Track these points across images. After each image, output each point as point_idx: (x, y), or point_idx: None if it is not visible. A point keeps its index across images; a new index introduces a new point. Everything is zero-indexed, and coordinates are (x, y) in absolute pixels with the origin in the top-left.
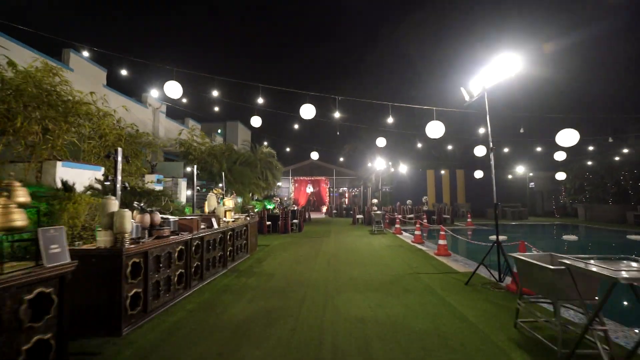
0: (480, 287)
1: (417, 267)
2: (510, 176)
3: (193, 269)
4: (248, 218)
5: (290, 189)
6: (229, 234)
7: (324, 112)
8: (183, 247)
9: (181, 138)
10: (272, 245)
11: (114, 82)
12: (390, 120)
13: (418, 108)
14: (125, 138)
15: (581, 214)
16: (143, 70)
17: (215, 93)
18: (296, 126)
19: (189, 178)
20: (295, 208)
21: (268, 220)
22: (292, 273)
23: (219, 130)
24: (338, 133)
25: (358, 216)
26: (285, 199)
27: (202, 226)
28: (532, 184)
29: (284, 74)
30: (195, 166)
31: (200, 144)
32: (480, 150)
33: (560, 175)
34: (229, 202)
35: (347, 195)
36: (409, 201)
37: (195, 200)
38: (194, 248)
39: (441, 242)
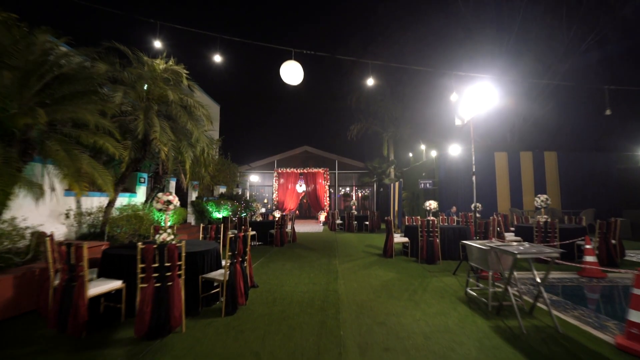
0: None
1: None
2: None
3: None
4: None
5: (274, 187)
6: None
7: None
8: None
9: None
10: None
11: None
12: None
13: None
14: None
15: None
16: None
17: None
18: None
19: None
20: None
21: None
22: None
23: None
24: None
25: (398, 239)
26: (265, 201)
27: None
28: None
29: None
30: None
31: None
32: None
33: None
34: None
35: (354, 196)
36: (476, 205)
37: None
38: None
39: None
